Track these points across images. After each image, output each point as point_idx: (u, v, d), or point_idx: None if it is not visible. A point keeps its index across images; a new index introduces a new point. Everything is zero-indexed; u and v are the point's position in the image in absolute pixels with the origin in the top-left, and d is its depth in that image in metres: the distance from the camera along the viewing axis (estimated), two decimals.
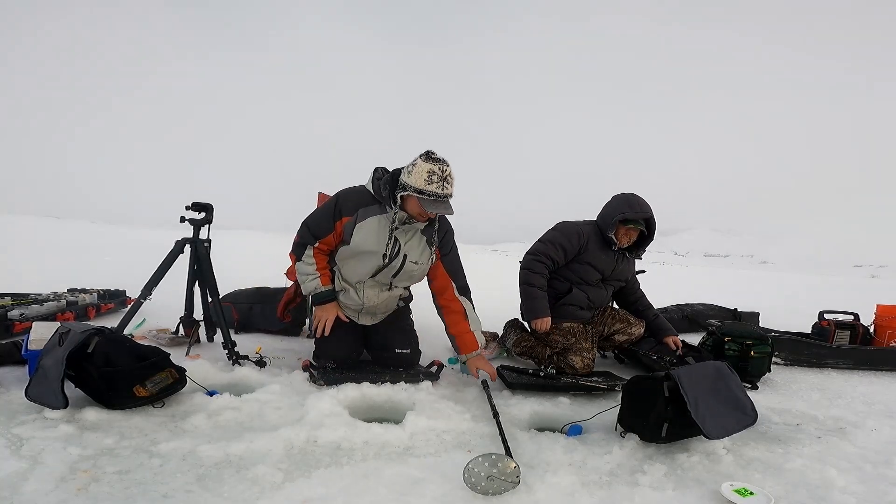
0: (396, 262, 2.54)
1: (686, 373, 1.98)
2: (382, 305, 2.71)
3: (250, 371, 2.51)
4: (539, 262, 3.03)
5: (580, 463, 1.79)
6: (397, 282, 2.65)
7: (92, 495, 1.40)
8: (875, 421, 2.44)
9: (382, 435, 1.87)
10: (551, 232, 3.13)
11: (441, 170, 2.35)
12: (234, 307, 3.46)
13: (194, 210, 2.84)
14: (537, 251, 3.08)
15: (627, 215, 2.97)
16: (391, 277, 2.60)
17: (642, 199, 3.04)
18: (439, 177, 2.34)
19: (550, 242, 3.06)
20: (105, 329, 2.04)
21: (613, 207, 3.05)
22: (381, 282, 2.62)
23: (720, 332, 3.19)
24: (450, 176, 2.38)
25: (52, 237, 10.98)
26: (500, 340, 3.40)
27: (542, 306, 2.97)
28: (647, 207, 3.01)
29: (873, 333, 3.85)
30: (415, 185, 2.34)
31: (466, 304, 2.66)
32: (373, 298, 2.64)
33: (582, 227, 3.10)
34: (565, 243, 3.04)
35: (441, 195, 2.36)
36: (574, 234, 3.05)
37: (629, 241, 3.09)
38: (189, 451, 1.67)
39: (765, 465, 1.88)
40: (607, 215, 3.06)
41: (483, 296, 5.55)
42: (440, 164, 2.37)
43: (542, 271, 3.02)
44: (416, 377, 2.52)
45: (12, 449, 1.60)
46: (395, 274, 2.58)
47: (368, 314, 2.73)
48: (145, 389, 1.99)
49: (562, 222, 3.19)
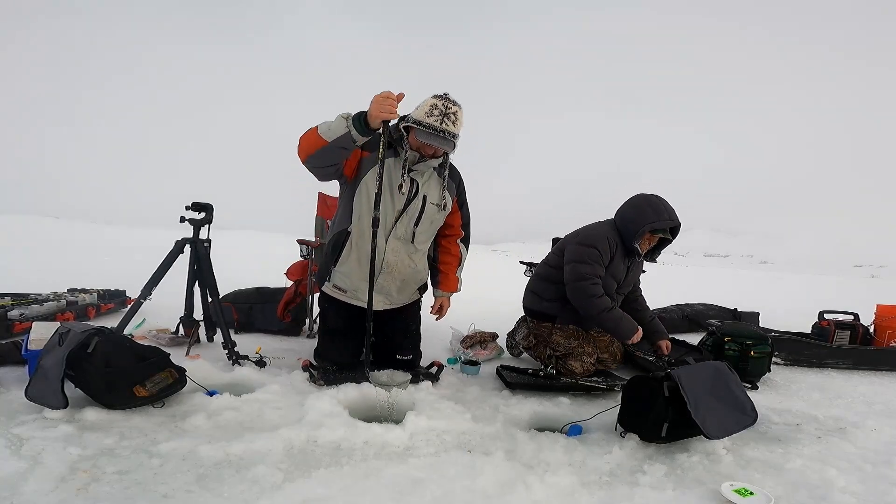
0: (416, 203, 2.42)
1: (686, 373, 1.98)
2: (401, 279, 2.52)
3: (250, 371, 2.51)
4: (596, 286, 2.81)
5: (580, 463, 1.79)
6: (420, 232, 2.46)
7: (92, 495, 1.40)
8: (875, 421, 2.44)
9: (382, 435, 1.87)
10: (586, 248, 2.83)
11: (444, 105, 2.27)
12: (234, 307, 3.46)
13: (194, 210, 2.84)
14: (589, 275, 2.79)
15: (657, 224, 2.77)
16: (413, 226, 2.44)
17: (667, 202, 2.82)
18: (440, 111, 2.26)
19: (594, 262, 2.81)
20: (105, 329, 2.04)
21: (639, 213, 2.80)
22: (403, 237, 2.44)
23: (720, 332, 3.19)
24: (452, 113, 2.27)
25: (52, 237, 10.96)
26: (510, 333, 3.38)
27: (630, 325, 2.78)
28: (674, 213, 2.81)
29: (873, 333, 3.85)
30: (415, 118, 2.29)
31: (464, 253, 2.70)
32: (394, 263, 2.45)
33: (608, 234, 2.87)
34: (605, 255, 2.84)
35: (437, 129, 2.25)
36: (605, 243, 2.85)
37: (649, 247, 2.92)
38: (189, 451, 1.67)
39: (765, 465, 1.88)
40: (632, 222, 2.81)
41: (483, 296, 5.58)
42: (445, 100, 2.29)
43: (601, 292, 2.81)
44: (416, 378, 2.51)
45: (12, 449, 1.60)
46: (416, 220, 2.43)
47: (383, 295, 2.53)
48: (145, 389, 1.99)
49: (587, 231, 2.94)
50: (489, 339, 3.34)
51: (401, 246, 2.45)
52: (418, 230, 2.46)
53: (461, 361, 2.97)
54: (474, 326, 3.48)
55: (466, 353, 3.14)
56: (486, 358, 3.15)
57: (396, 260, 2.46)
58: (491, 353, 3.25)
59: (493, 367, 2.90)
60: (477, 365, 2.88)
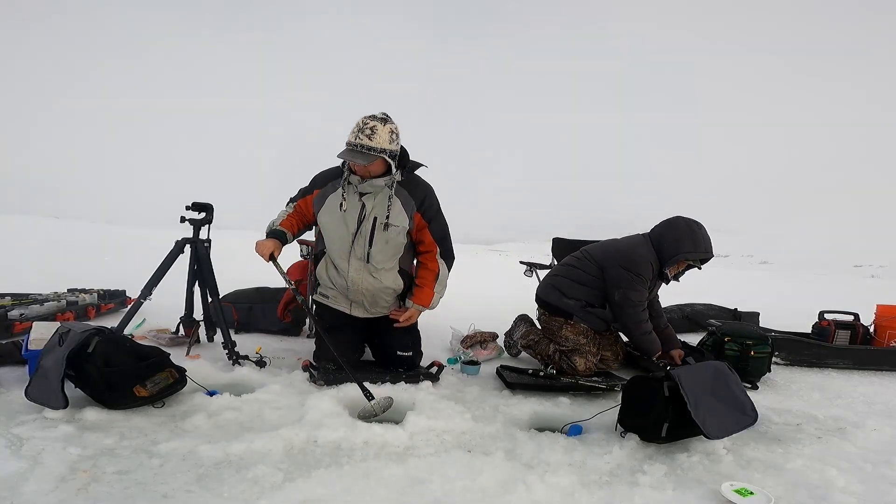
0: (366, 225, 2.51)
1: (686, 373, 1.98)
2: (370, 294, 2.63)
3: (250, 371, 2.51)
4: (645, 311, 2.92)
5: (580, 463, 1.79)
6: (376, 252, 2.54)
7: (92, 495, 1.40)
8: (875, 421, 2.44)
9: (382, 435, 1.87)
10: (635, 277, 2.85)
11: (363, 122, 2.39)
12: (234, 307, 3.46)
13: (194, 210, 2.83)
14: (639, 302, 2.87)
15: (693, 256, 2.84)
16: (368, 247, 2.53)
17: (705, 231, 2.88)
18: (358, 127, 2.39)
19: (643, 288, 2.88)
20: (105, 329, 2.04)
21: (677, 241, 2.84)
22: (361, 257, 2.56)
23: (720, 332, 3.19)
24: (369, 128, 2.37)
25: (52, 237, 10.94)
26: (507, 333, 3.38)
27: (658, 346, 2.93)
28: (710, 245, 2.87)
29: (873, 333, 3.85)
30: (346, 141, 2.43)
31: (442, 268, 2.68)
32: (358, 281, 2.58)
33: (651, 259, 2.89)
34: (649, 281, 2.91)
35: (352, 143, 2.38)
36: (649, 269, 2.87)
37: (677, 272, 2.98)
38: (189, 451, 1.67)
39: (765, 465, 1.88)
40: (669, 248, 2.85)
41: (483, 295, 5.58)
42: (366, 117, 2.41)
43: (647, 317, 2.93)
44: (416, 378, 2.51)
45: (12, 449, 1.60)
46: (369, 240, 2.52)
47: (358, 305, 2.67)
48: (145, 389, 1.99)
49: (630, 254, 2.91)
50: (489, 339, 3.34)
51: (361, 265, 2.57)
52: (373, 251, 2.55)
53: (461, 361, 2.97)
54: (474, 326, 3.48)
55: (466, 353, 3.14)
56: (486, 358, 3.15)
57: (359, 278, 2.59)
58: (491, 353, 3.25)
59: (493, 367, 2.90)
60: (477, 365, 2.88)
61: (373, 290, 2.62)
